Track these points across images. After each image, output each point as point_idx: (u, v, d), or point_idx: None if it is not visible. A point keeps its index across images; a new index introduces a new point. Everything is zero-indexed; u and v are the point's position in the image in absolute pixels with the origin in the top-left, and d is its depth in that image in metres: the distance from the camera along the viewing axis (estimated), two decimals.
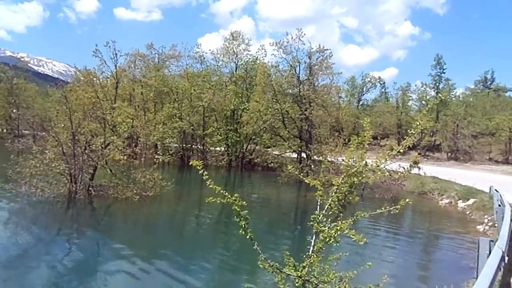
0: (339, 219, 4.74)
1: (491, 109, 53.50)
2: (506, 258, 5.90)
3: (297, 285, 4.56)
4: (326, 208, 4.88)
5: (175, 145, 39.91)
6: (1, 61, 66.99)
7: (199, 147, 40.21)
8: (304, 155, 32.66)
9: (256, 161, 37.47)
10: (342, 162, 18.98)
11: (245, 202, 4.41)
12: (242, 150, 39.10)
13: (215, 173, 32.13)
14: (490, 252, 5.76)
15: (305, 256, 4.66)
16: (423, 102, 54.30)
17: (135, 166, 19.47)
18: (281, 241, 13.31)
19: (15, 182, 16.07)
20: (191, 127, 38.41)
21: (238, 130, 38.24)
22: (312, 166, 27.71)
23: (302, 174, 5.72)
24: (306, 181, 5.40)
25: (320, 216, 4.83)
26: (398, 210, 4.81)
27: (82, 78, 42.99)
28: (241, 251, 11.54)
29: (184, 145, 39.33)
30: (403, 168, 5.54)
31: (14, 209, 15.10)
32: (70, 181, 16.85)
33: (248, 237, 4.52)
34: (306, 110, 31.47)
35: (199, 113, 39.50)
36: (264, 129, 36.01)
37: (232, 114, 39.77)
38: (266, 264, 4.68)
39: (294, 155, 35.07)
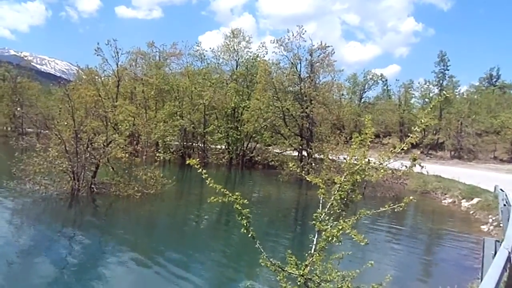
0: (342, 218, 4.73)
1: (496, 106, 52.84)
2: None
3: (299, 283, 4.55)
4: (328, 206, 4.87)
5: (176, 143, 39.88)
6: (5, 60, 66.92)
7: (200, 145, 40.21)
8: (305, 153, 32.59)
9: (256, 159, 37.40)
10: (343, 160, 18.97)
11: (246, 200, 4.41)
12: (242, 148, 39.06)
13: (216, 171, 32.11)
14: (495, 252, 5.73)
15: (307, 254, 4.65)
16: (426, 100, 54.05)
17: (137, 164, 19.54)
18: (282, 239, 13.32)
19: (19, 179, 16.25)
20: (192, 125, 38.38)
21: (239, 128, 38.18)
22: (313, 164, 27.68)
23: (303, 172, 5.70)
24: (307, 179, 5.38)
25: (322, 214, 4.81)
26: (402, 208, 4.79)
27: (84, 77, 43.09)
28: (242, 249, 11.55)
29: (185, 143, 39.30)
30: (405, 166, 5.53)
31: (18, 206, 15.18)
32: (72, 178, 16.94)
33: (250, 235, 4.52)
34: (307, 108, 31.39)
35: (200, 111, 39.48)
36: (264, 127, 35.93)
37: (232, 112, 39.73)
38: (268, 262, 4.67)
39: (295, 153, 35.03)
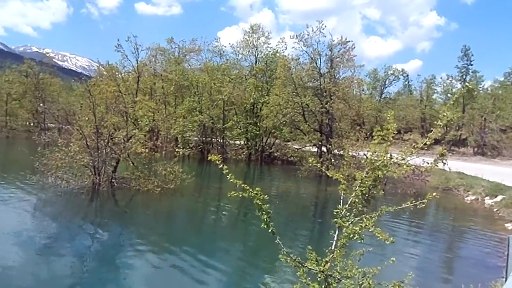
0: (364, 214, 4.63)
1: None
2: None
3: (319, 279, 4.49)
4: (349, 202, 4.77)
5: (195, 138, 40.16)
6: (28, 57, 68.41)
7: (219, 141, 40.36)
8: (324, 149, 32.38)
9: (275, 154, 37.38)
10: (363, 156, 18.75)
11: (266, 195, 4.36)
12: (261, 144, 39.04)
13: (235, 166, 32.20)
14: None
15: (327, 251, 4.59)
16: (449, 95, 52.97)
17: (156, 159, 19.69)
18: (301, 235, 13.26)
19: (42, 173, 16.59)
20: (211, 121, 38.55)
21: (258, 124, 38.17)
22: (332, 160, 27.45)
23: (323, 168, 5.60)
24: (328, 174, 5.28)
25: (343, 210, 4.73)
26: (424, 205, 4.66)
27: (105, 73, 43.70)
28: (260, 244, 11.55)
29: (204, 138, 39.53)
30: (427, 163, 5.39)
31: (41, 199, 15.50)
32: (93, 173, 17.20)
33: (270, 231, 4.46)
34: (326, 104, 31.11)
35: (219, 106, 39.62)
36: (284, 122, 35.81)
37: (252, 107, 39.71)
38: (288, 258, 4.62)
39: (314, 149, 34.83)
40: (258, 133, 38.32)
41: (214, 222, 15.28)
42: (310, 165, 25.15)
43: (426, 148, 4.95)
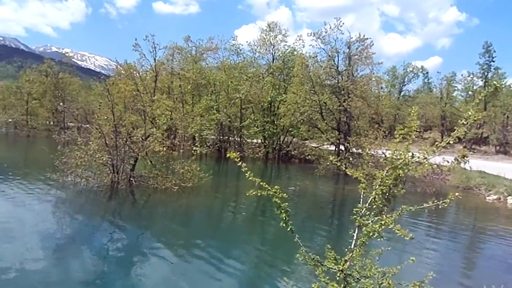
0: (384, 213, 4.56)
1: None
2: None
3: (338, 279, 4.44)
4: (369, 201, 4.70)
5: (213, 137, 40.31)
6: (47, 57, 69.86)
7: (236, 139, 40.42)
8: (342, 148, 32.10)
9: (293, 153, 37.22)
10: (382, 155, 18.51)
11: (285, 194, 4.32)
12: (279, 142, 38.96)
13: (252, 165, 32.19)
14: None
15: (346, 250, 4.54)
16: (470, 93, 51.90)
17: (174, 158, 19.81)
18: (319, 234, 13.14)
19: (62, 172, 16.90)
20: (228, 119, 38.62)
21: (275, 122, 38.09)
22: (350, 159, 27.19)
23: (343, 166, 5.54)
24: (348, 173, 5.21)
25: (363, 209, 4.66)
26: (446, 205, 4.54)
27: (123, 72, 44.25)
28: (278, 243, 11.50)
29: (221, 137, 39.65)
30: (447, 161, 5.25)
31: (60, 197, 15.77)
32: (112, 171, 17.42)
33: (289, 229, 4.42)
34: (344, 102, 30.81)
35: (236, 105, 39.68)
36: (301, 121, 35.60)
37: (269, 106, 39.64)
38: (306, 256, 4.58)
39: (332, 148, 34.56)
40: (275, 131, 38.24)
41: (231, 221, 15.30)
42: (329, 163, 25.08)
43: (445, 147, 4.85)
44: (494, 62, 52.65)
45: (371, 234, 4.42)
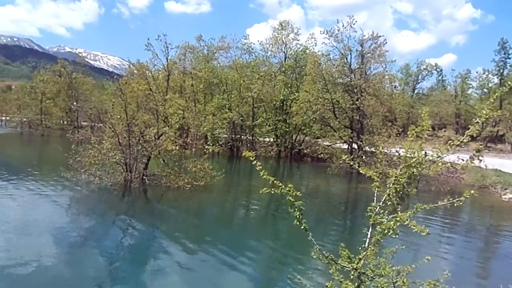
0: (398, 211, 4.51)
1: None
2: None
3: (352, 277, 4.41)
4: (383, 199, 4.65)
5: (225, 135, 40.41)
6: (61, 57, 70.86)
7: (248, 138, 40.44)
8: (355, 146, 31.87)
9: (305, 151, 37.14)
10: (395, 154, 18.26)
11: (298, 192, 4.30)
12: (291, 141, 38.92)
13: (264, 163, 32.16)
14: None
15: (360, 248, 4.50)
16: (485, 90, 51.05)
17: (187, 156, 19.91)
18: (332, 232, 13.07)
19: (76, 170, 17.12)
20: (240, 118, 38.65)
21: (287, 121, 38.02)
22: (363, 157, 26.99)
23: (356, 164, 5.49)
24: (361, 171, 5.17)
25: (377, 208, 4.62)
26: (461, 203, 4.47)
27: (135, 71, 44.62)
28: (291, 241, 11.48)
29: (233, 135, 39.73)
30: (462, 160, 5.16)
31: (74, 195, 15.99)
32: (125, 170, 17.57)
33: (302, 227, 4.41)
34: (357, 100, 30.57)
35: (248, 103, 39.69)
36: (313, 119, 35.44)
37: (281, 104, 39.59)
38: (320, 255, 4.55)
39: (345, 146, 34.34)
40: (287, 130, 38.17)
41: (244, 219, 15.32)
42: (341, 162, 24.95)
43: (459, 146, 4.77)
44: (510, 59, 51.75)
45: (386, 231, 4.39)
